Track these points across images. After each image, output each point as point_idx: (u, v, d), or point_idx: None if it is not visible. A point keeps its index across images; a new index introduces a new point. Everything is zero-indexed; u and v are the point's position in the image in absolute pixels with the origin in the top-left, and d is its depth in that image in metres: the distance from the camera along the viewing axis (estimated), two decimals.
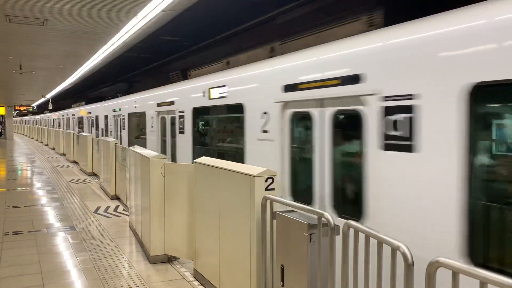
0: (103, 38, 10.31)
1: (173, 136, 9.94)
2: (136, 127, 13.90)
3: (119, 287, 5.38)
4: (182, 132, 9.20)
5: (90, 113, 21.86)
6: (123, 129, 15.34)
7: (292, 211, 3.88)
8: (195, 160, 5.68)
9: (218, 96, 7.50)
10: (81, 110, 24.42)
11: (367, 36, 4.31)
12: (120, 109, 15.87)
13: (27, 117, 68.83)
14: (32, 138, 46.84)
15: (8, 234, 7.81)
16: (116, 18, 8.27)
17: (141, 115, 12.57)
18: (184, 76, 11.33)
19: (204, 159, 5.57)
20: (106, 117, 18.54)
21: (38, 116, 54.07)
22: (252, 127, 6.19)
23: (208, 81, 8.06)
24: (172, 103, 9.88)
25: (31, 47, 11.85)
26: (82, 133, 18.39)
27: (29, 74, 18.23)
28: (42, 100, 37.18)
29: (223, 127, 8.00)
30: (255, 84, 6.26)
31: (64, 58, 13.97)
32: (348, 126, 4.54)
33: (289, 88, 5.33)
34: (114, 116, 16.85)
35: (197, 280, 5.61)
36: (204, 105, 8.06)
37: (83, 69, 16.36)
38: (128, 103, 14.59)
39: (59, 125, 34.39)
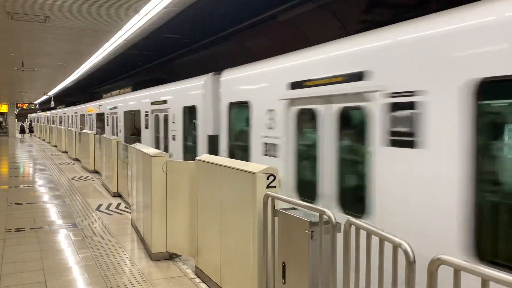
0: (105, 35, 10.31)
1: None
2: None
3: (121, 284, 5.39)
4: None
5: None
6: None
7: (294, 208, 3.87)
8: (196, 158, 5.69)
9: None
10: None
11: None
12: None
13: (49, 113, 44.35)
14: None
15: (10, 231, 7.83)
16: (118, 15, 8.27)
17: (117, 113, 16.47)
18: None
19: (206, 157, 5.57)
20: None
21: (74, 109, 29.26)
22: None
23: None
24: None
25: (33, 44, 11.87)
26: (84, 131, 18.42)
27: (31, 71, 18.26)
28: (45, 97, 37.24)
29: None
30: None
31: (66, 56, 13.98)
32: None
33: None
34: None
35: (198, 277, 5.62)
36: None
37: (85, 66, 16.37)
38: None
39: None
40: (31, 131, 51.21)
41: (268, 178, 4.22)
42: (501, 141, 3.18)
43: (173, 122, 9.87)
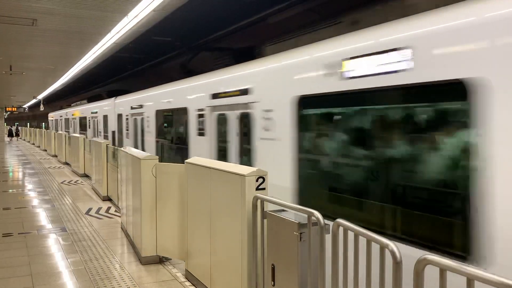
0: (94, 38, 10.25)
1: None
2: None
3: None
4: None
5: None
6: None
7: (283, 210, 3.87)
8: (186, 160, 5.67)
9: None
10: None
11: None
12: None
13: (86, 106, 21.47)
14: None
15: None
16: (107, 18, 8.23)
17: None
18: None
19: (195, 159, 5.56)
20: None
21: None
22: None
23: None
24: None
25: (21, 47, 11.76)
26: (73, 134, 18.30)
27: (19, 75, 18.07)
28: (34, 101, 36.86)
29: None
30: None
31: (54, 59, 13.87)
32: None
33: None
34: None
35: (188, 280, 5.60)
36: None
37: (74, 69, 16.26)
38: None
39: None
40: (17, 134, 52.69)
41: (257, 180, 4.22)
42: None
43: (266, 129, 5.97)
